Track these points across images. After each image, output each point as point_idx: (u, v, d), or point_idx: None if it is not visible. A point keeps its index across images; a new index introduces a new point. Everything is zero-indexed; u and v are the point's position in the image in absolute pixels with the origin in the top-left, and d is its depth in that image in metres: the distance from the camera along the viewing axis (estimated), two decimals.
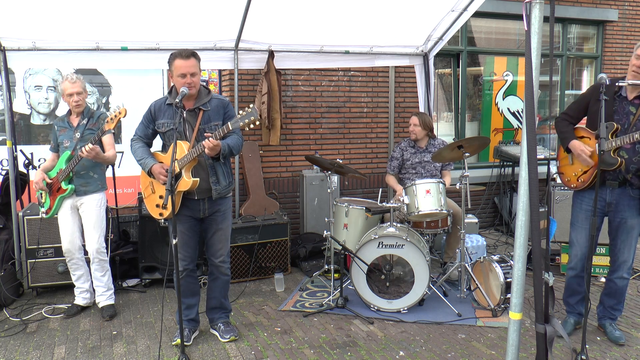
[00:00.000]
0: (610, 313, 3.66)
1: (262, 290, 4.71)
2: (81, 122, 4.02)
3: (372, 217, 4.47)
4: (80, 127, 4.01)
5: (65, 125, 4.05)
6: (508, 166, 6.74)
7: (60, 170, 3.96)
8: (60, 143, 4.04)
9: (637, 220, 3.44)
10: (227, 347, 3.56)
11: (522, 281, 2.39)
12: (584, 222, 3.56)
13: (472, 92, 7.23)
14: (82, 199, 4.00)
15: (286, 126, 5.85)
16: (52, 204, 4.02)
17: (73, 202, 4.02)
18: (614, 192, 3.45)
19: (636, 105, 3.38)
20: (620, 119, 3.40)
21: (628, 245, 3.49)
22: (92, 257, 4.03)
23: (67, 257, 4.08)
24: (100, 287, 4.13)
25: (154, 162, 3.43)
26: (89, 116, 4.05)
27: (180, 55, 3.27)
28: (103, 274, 4.11)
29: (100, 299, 4.17)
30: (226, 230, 3.60)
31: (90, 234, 4.02)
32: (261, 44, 5.16)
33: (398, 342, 3.62)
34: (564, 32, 7.44)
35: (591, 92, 3.55)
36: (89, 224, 4.02)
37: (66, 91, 3.94)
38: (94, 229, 4.01)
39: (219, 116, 3.42)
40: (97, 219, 4.02)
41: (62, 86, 3.95)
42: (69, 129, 4.03)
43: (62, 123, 4.08)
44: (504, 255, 4.23)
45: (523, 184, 2.33)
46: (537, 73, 2.28)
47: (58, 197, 3.98)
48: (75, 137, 3.99)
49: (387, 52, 5.57)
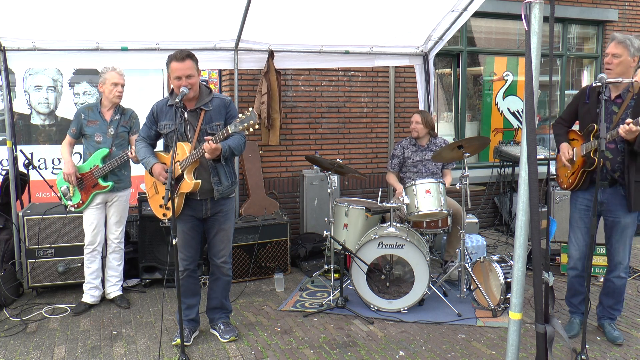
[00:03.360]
0: (609, 313, 3.66)
1: (262, 290, 4.71)
2: (114, 117, 4.10)
3: (372, 217, 4.47)
4: (114, 123, 4.09)
5: (97, 118, 4.07)
6: (508, 166, 6.74)
7: (96, 167, 4.05)
8: (89, 135, 4.06)
9: (630, 219, 3.44)
10: (227, 347, 3.56)
11: (522, 281, 2.39)
12: (578, 221, 3.59)
13: (472, 92, 7.23)
14: (115, 195, 4.18)
15: (286, 126, 5.85)
16: (84, 198, 4.10)
17: (105, 197, 4.17)
18: (605, 192, 3.46)
19: (618, 104, 3.40)
20: (605, 120, 3.41)
21: (622, 244, 3.49)
22: (113, 247, 4.27)
23: (89, 249, 4.18)
24: (115, 277, 4.32)
25: (156, 162, 3.43)
26: (121, 112, 4.14)
27: (176, 57, 3.26)
28: (120, 263, 4.35)
29: (112, 289, 4.33)
30: (228, 231, 3.60)
31: (115, 226, 4.25)
32: (261, 44, 5.16)
33: (398, 342, 3.62)
34: (564, 32, 7.44)
35: (578, 96, 3.62)
36: (116, 217, 4.23)
37: (112, 80, 4.02)
38: (120, 221, 4.27)
39: (220, 116, 3.42)
40: (124, 212, 4.28)
41: (107, 75, 4.03)
42: (102, 123, 4.07)
43: (92, 114, 4.08)
44: (504, 255, 4.23)
45: (523, 184, 2.33)
46: (537, 73, 2.28)
47: (94, 192, 4.09)
48: (110, 133, 4.08)
49: (387, 52, 5.57)
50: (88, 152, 4.11)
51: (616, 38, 3.32)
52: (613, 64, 3.31)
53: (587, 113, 3.50)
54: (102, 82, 4.07)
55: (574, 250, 3.62)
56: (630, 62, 3.29)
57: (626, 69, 3.29)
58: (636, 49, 3.28)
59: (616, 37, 3.33)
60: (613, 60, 3.31)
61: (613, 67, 3.31)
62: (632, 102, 3.34)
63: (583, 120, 3.55)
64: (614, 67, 3.31)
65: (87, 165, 4.09)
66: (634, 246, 5.86)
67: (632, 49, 3.27)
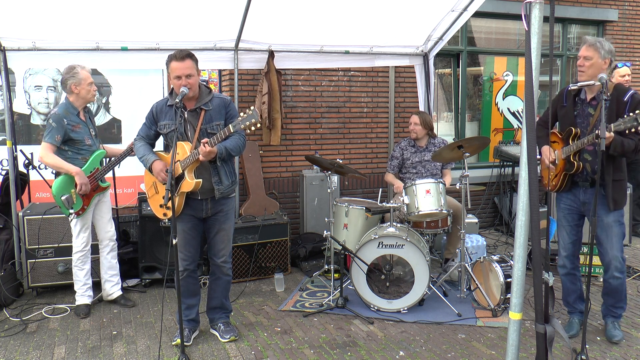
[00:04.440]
0: (611, 311, 3.67)
1: (262, 290, 4.71)
2: (87, 118, 4.10)
3: (372, 217, 4.47)
4: (89, 123, 4.10)
5: (79, 121, 4.02)
6: (508, 166, 6.74)
7: (97, 170, 4.05)
8: (78, 140, 3.97)
9: (612, 218, 3.46)
10: (227, 347, 3.56)
11: (522, 281, 2.39)
12: (562, 220, 3.69)
13: (472, 92, 7.23)
14: (104, 194, 4.21)
15: (286, 126, 5.85)
16: (86, 203, 4.06)
17: (98, 198, 4.17)
18: (587, 192, 3.52)
19: (594, 106, 3.45)
20: (582, 122, 3.49)
21: (609, 243, 3.49)
22: (111, 245, 4.27)
23: (83, 252, 4.14)
24: (115, 276, 4.33)
25: (155, 159, 3.43)
26: (87, 110, 4.14)
27: (176, 57, 3.27)
28: (116, 260, 4.35)
29: (114, 290, 4.32)
30: (229, 231, 3.60)
31: (109, 224, 4.26)
32: (261, 44, 5.16)
33: (398, 342, 3.62)
34: (564, 32, 7.44)
35: (556, 99, 3.68)
36: (108, 215, 4.25)
37: (87, 80, 3.97)
38: (110, 219, 4.28)
39: (220, 115, 3.42)
40: (111, 210, 4.30)
41: (81, 75, 3.92)
42: (84, 125, 4.05)
43: (73, 118, 3.97)
44: (504, 255, 4.23)
45: (523, 184, 2.33)
46: (537, 73, 2.28)
47: (94, 195, 4.09)
48: (92, 134, 4.10)
49: (387, 52, 5.57)
50: (80, 157, 3.99)
51: (587, 41, 3.38)
52: (585, 67, 3.37)
53: (565, 115, 3.58)
54: (77, 82, 3.91)
55: (561, 249, 3.72)
56: (601, 64, 3.33)
57: (597, 71, 3.33)
58: (607, 51, 3.33)
59: (587, 40, 3.39)
60: (585, 62, 3.37)
61: (585, 70, 3.37)
62: (606, 103, 3.36)
63: (562, 123, 3.63)
64: (586, 69, 3.36)
65: (87, 170, 4.02)
66: (634, 246, 5.87)
67: (603, 51, 3.32)
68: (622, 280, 3.54)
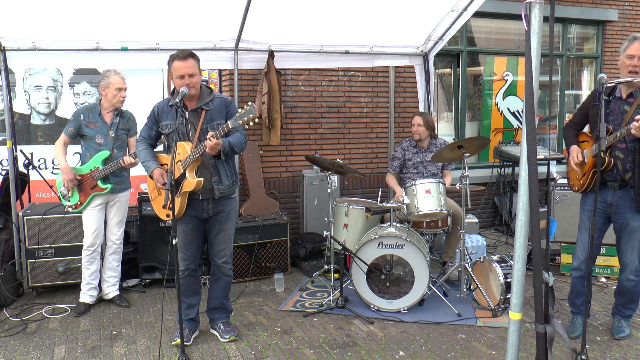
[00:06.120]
0: (621, 310, 3.67)
1: (262, 290, 4.71)
2: (114, 120, 4.12)
3: (372, 217, 4.47)
4: (114, 126, 4.12)
5: (97, 120, 4.08)
6: (508, 166, 6.74)
7: (96, 169, 4.06)
8: (89, 137, 4.06)
9: (638, 222, 3.41)
10: (227, 347, 3.56)
11: (522, 281, 2.39)
12: (586, 222, 3.57)
13: (472, 92, 7.23)
14: (116, 196, 4.20)
15: (286, 126, 5.85)
16: (83, 199, 4.10)
17: (106, 199, 4.18)
18: (615, 194, 3.44)
19: (630, 103, 3.38)
20: (616, 119, 3.40)
21: (630, 247, 3.46)
22: (114, 248, 4.29)
23: (89, 251, 4.17)
24: (114, 277, 4.35)
25: (156, 166, 3.44)
26: (120, 115, 4.16)
27: (178, 56, 3.29)
28: (119, 263, 4.37)
29: (110, 290, 4.34)
30: (229, 231, 3.60)
31: (116, 227, 4.28)
32: (261, 44, 5.16)
33: (398, 342, 3.63)
34: (564, 32, 7.44)
35: (589, 99, 3.61)
36: (117, 218, 4.26)
37: (116, 84, 4.03)
38: (120, 222, 4.30)
39: (221, 115, 3.43)
40: (124, 213, 4.31)
41: (111, 79, 4.01)
42: (102, 125, 4.08)
43: (91, 115, 4.08)
44: (504, 255, 4.23)
45: (523, 184, 2.33)
46: (537, 73, 2.28)
47: (92, 194, 4.09)
48: (110, 136, 4.10)
49: (387, 52, 5.57)
50: (88, 154, 4.10)
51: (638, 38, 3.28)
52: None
53: (596, 115, 3.45)
54: (105, 85, 4.04)
55: (580, 252, 3.60)
56: None
57: None
58: None
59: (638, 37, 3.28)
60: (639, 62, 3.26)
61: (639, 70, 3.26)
62: None
63: (593, 122, 3.52)
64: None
65: (87, 167, 4.09)
66: None
67: None
68: (637, 283, 3.52)
